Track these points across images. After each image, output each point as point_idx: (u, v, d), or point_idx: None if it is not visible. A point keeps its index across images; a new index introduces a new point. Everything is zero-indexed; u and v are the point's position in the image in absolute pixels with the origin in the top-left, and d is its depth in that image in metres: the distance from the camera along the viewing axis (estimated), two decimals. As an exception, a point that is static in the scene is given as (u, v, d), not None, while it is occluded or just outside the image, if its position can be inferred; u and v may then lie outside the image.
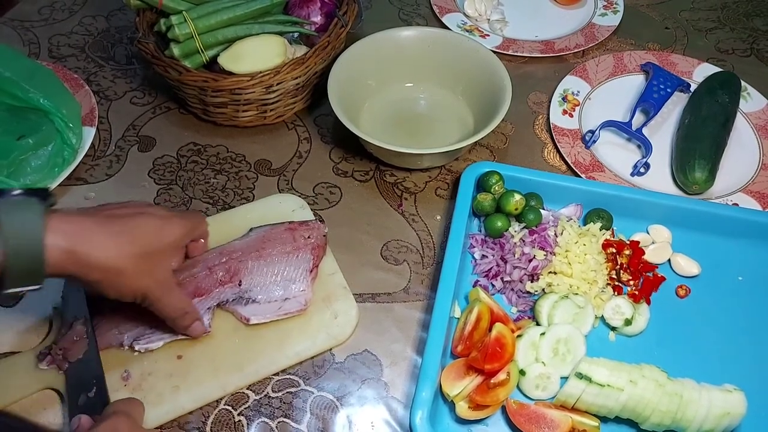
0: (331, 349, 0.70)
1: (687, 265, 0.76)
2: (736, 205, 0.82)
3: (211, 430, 0.65)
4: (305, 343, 0.69)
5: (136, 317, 0.68)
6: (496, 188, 0.78)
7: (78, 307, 0.68)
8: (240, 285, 0.70)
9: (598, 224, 0.77)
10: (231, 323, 0.70)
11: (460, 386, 0.64)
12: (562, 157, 0.89)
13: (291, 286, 0.71)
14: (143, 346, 0.67)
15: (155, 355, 0.68)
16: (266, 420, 0.66)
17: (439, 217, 0.82)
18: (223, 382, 0.67)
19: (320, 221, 0.79)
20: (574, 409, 0.65)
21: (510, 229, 0.77)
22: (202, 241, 0.71)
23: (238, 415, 0.66)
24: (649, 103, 0.92)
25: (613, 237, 0.78)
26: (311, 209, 0.81)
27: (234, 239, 0.74)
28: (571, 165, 0.87)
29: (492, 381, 0.64)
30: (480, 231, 0.79)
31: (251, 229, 0.75)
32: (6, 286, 0.52)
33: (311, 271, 0.72)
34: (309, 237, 0.74)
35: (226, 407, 0.66)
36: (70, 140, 0.82)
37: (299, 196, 0.82)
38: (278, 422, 0.66)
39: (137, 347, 0.67)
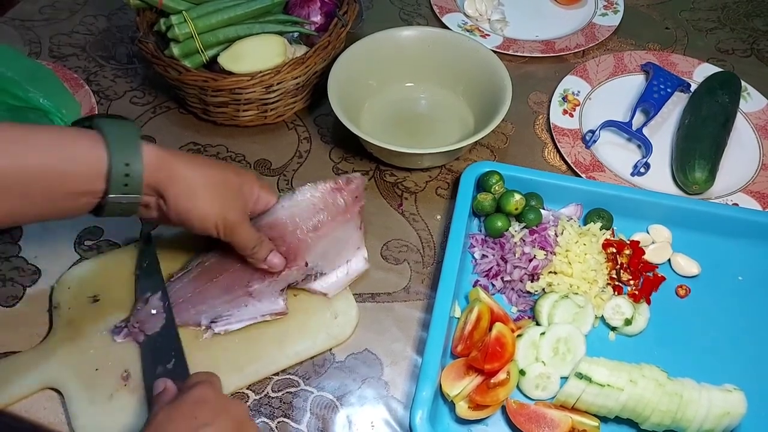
0: (331, 349, 0.70)
1: (687, 265, 0.76)
2: (736, 205, 0.82)
3: (211, 429, 0.65)
4: (305, 343, 0.69)
5: (213, 297, 0.69)
6: (497, 188, 0.78)
7: (154, 282, 0.71)
8: (307, 265, 0.70)
9: (599, 224, 0.77)
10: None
11: (460, 386, 0.64)
12: (562, 157, 0.89)
13: (347, 248, 0.72)
14: (222, 327, 0.68)
15: None
16: (266, 420, 0.66)
17: (439, 217, 0.82)
18: (223, 382, 0.66)
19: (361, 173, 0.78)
20: (574, 409, 0.65)
21: (510, 228, 0.77)
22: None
23: (238, 414, 0.66)
24: (650, 103, 0.92)
25: (613, 237, 0.78)
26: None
27: (280, 203, 0.70)
28: (572, 165, 0.87)
29: (492, 381, 0.64)
30: (480, 231, 0.79)
31: (293, 190, 0.72)
32: (110, 192, 0.56)
33: (360, 228, 0.73)
34: (356, 197, 0.73)
35: (226, 407, 0.66)
36: (71, 140, 0.82)
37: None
38: (278, 422, 0.66)
39: (216, 329, 0.68)
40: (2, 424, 0.65)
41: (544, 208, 0.79)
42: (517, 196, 0.76)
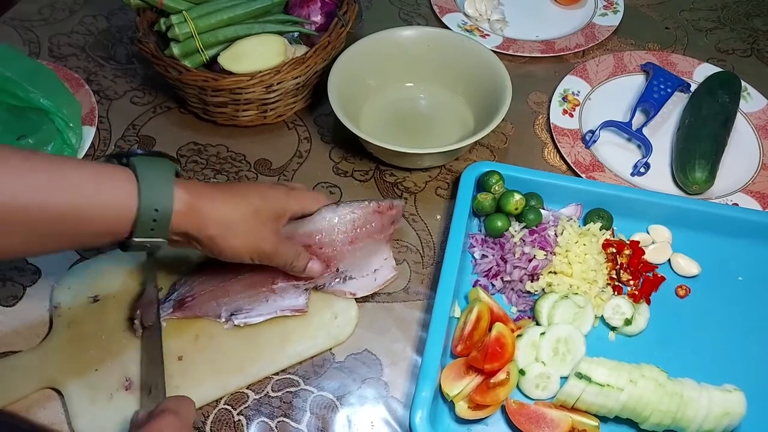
0: (331, 349, 0.70)
1: (687, 265, 0.76)
2: (736, 205, 0.82)
3: (210, 429, 0.65)
4: (306, 343, 0.69)
5: (235, 292, 0.70)
6: (496, 188, 0.78)
7: (149, 274, 0.72)
8: (338, 271, 0.72)
9: (598, 224, 0.77)
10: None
11: (459, 386, 0.64)
12: (562, 157, 0.89)
13: (375, 258, 0.74)
14: (242, 320, 0.69)
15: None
16: (266, 419, 0.66)
17: (439, 217, 0.82)
18: (224, 382, 0.67)
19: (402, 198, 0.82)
20: (574, 409, 0.65)
21: (510, 228, 0.77)
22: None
23: (238, 414, 0.66)
24: (650, 103, 0.92)
25: (613, 237, 0.78)
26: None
27: (318, 211, 0.71)
28: (571, 165, 0.87)
29: (492, 381, 0.64)
30: (480, 231, 0.79)
31: (337, 203, 0.73)
32: (135, 235, 0.56)
33: (388, 241, 0.75)
34: (393, 222, 0.75)
35: (226, 407, 0.66)
36: (70, 140, 0.82)
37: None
38: (278, 422, 0.66)
39: (236, 321, 0.69)
40: (2, 424, 0.65)
41: (544, 208, 0.79)
42: (517, 196, 0.76)
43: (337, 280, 0.73)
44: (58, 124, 0.81)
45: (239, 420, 0.66)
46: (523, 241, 0.75)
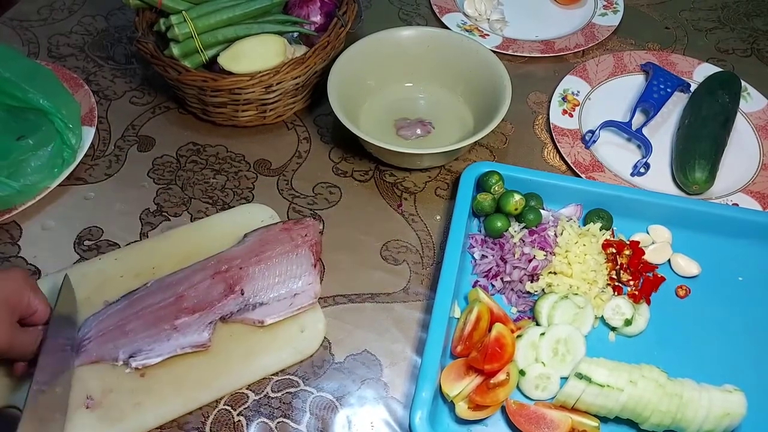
0: (301, 362, 0.69)
1: (687, 265, 0.76)
2: (736, 205, 0.82)
3: (210, 430, 0.65)
4: (272, 358, 0.68)
5: (135, 332, 0.67)
6: (496, 188, 0.78)
7: (66, 293, 0.69)
8: (243, 294, 0.70)
9: (598, 224, 0.77)
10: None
11: (459, 386, 0.64)
12: (562, 157, 0.88)
13: (297, 282, 0.72)
14: (140, 362, 0.66)
15: (117, 372, 0.66)
16: (266, 420, 0.66)
17: (438, 217, 0.82)
18: (191, 397, 0.65)
19: (315, 218, 0.80)
20: (573, 410, 0.65)
21: (510, 229, 0.77)
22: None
23: (238, 415, 0.66)
24: (649, 103, 0.92)
25: (613, 237, 0.78)
26: (310, 209, 0.81)
27: (231, 247, 0.74)
28: (571, 165, 0.86)
29: (492, 381, 0.64)
30: (480, 231, 0.79)
31: (245, 235, 0.75)
32: None
33: (315, 266, 0.73)
34: (306, 235, 0.74)
35: (226, 407, 0.66)
36: (70, 140, 0.82)
37: (299, 196, 0.82)
38: (278, 422, 0.66)
39: (134, 364, 0.66)
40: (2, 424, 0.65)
41: (543, 209, 0.79)
42: (517, 197, 0.76)
43: (243, 306, 0.70)
44: (57, 124, 0.81)
45: (239, 420, 0.66)
46: (523, 241, 0.75)
